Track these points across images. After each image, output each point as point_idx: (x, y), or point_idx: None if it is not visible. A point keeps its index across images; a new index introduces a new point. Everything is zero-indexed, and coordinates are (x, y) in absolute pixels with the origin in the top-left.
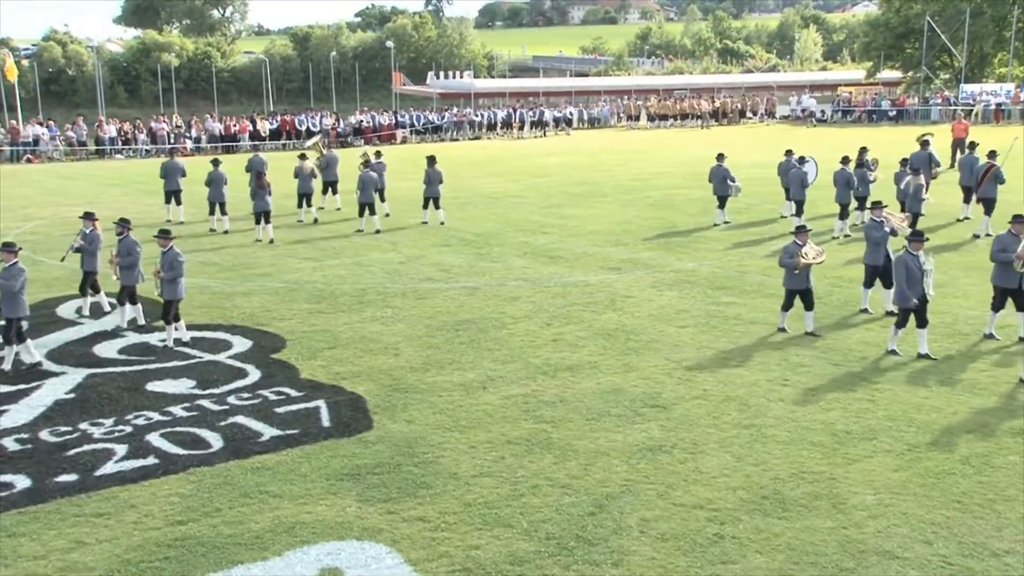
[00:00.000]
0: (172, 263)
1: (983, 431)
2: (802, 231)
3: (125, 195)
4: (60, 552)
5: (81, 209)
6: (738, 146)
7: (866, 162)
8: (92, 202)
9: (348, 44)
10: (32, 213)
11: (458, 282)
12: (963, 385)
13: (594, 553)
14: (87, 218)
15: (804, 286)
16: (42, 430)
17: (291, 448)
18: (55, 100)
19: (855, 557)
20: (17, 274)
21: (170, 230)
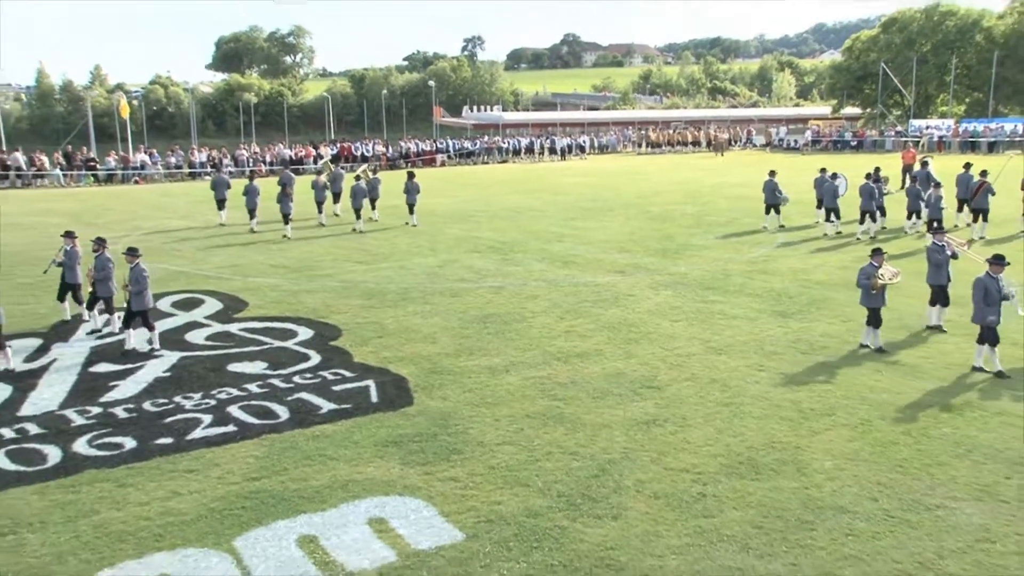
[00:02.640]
0: (138, 278)
1: (922, 408)
2: (878, 253)
3: (211, 209)
4: (160, 500)
5: (177, 221)
6: (724, 169)
7: (880, 179)
8: (186, 215)
9: (397, 83)
10: (138, 224)
11: (486, 282)
12: (907, 370)
13: (597, 508)
14: (68, 236)
15: (881, 304)
16: (145, 401)
17: (345, 419)
18: (157, 132)
19: (814, 512)
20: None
21: (137, 248)
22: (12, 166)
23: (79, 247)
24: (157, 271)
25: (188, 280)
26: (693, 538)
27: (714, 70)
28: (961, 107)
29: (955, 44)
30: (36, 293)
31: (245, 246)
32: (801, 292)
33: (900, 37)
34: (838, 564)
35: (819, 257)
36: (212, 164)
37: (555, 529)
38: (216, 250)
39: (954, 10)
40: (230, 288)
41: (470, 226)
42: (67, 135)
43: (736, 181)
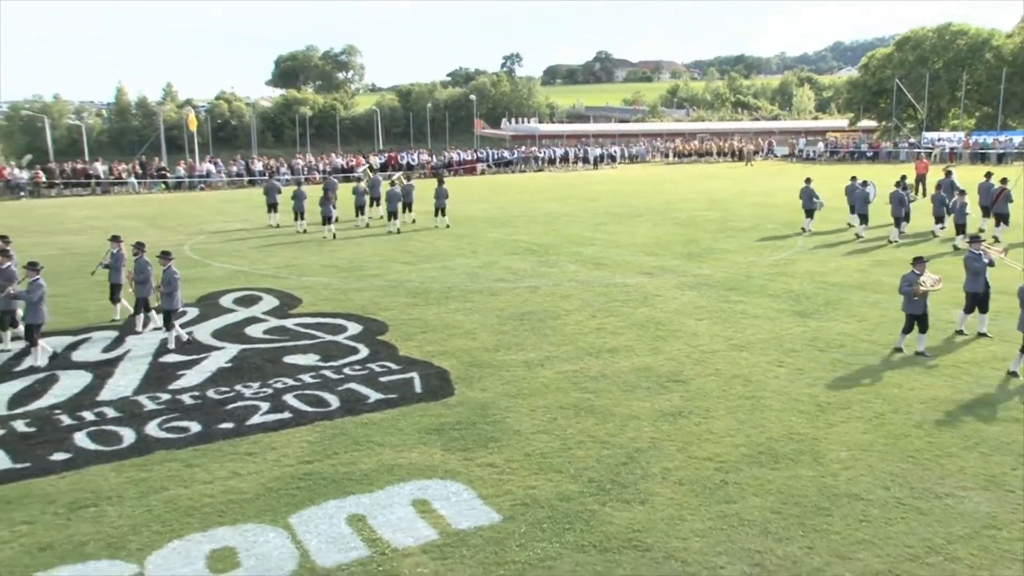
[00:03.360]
0: (169, 279)
1: (933, 403)
2: (920, 262)
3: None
4: (222, 479)
5: (238, 225)
6: (746, 178)
7: (906, 186)
8: (246, 219)
9: (440, 97)
10: (203, 228)
11: (523, 282)
12: (920, 368)
13: (625, 493)
14: (114, 240)
15: (921, 311)
16: (208, 389)
17: (391, 408)
18: (221, 143)
19: (830, 499)
20: (36, 288)
21: (170, 252)
22: (93, 175)
23: (124, 251)
24: (219, 270)
25: (248, 279)
26: (715, 522)
27: (738, 85)
28: (971, 120)
29: (966, 61)
30: None
31: (300, 247)
32: (818, 293)
33: (914, 55)
34: (852, 548)
35: (836, 261)
36: (269, 172)
37: (586, 512)
38: (273, 251)
39: (965, 29)
40: (286, 286)
41: (508, 230)
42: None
43: (757, 190)
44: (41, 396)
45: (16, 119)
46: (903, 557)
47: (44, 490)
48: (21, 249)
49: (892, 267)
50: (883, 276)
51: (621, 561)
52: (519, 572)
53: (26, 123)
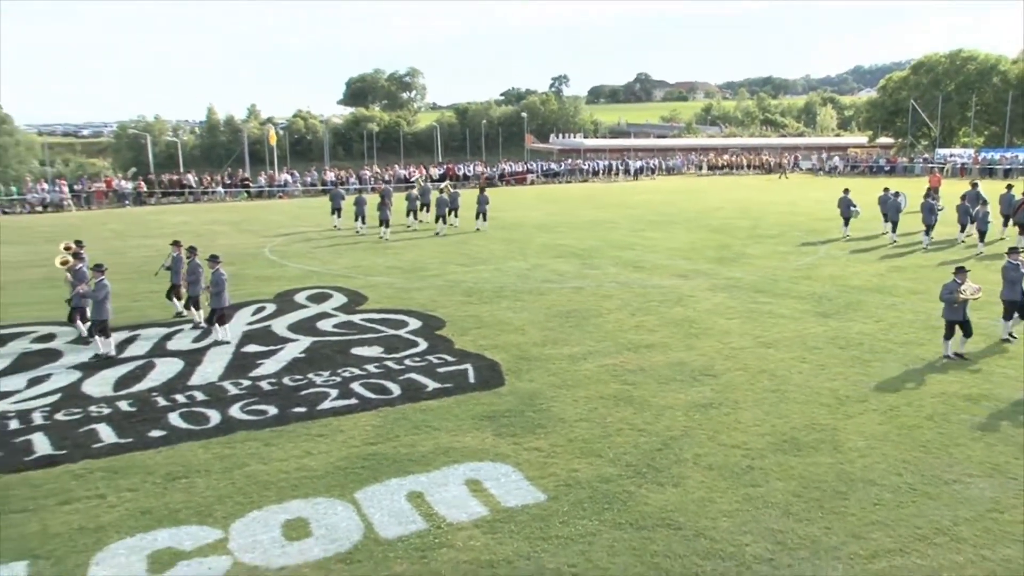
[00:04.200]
0: (217, 280)
1: (944, 397)
2: (961, 271)
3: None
4: (296, 458)
5: (312, 229)
6: (774, 189)
7: (936, 197)
8: (318, 224)
9: (494, 115)
10: (281, 231)
11: (568, 283)
12: (931, 364)
13: (660, 477)
14: (175, 245)
15: (962, 318)
16: (284, 377)
17: (447, 397)
18: (298, 156)
19: (847, 484)
20: (101, 288)
21: (218, 255)
22: (187, 185)
23: (183, 254)
24: (295, 270)
25: (319, 278)
26: (742, 504)
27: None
28: (980, 139)
29: (975, 84)
30: None
31: (366, 250)
32: (840, 296)
33: (927, 78)
34: (866, 528)
35: (856, 266)
36: (340, 182)
37: (623, 493)
38: (342, 253)
39: (975, 55)
40: (353, 285)
41: (555, 235)
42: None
43: (784, 200)
44: (141, 380)
45: (123, 137)
46: (913, 537)
47: (144, 463)
48: (125, 251)
49: (908, 272)
50: (899, 280)
51: (655, 538)
52: (562, 546)
53: (131, 140)
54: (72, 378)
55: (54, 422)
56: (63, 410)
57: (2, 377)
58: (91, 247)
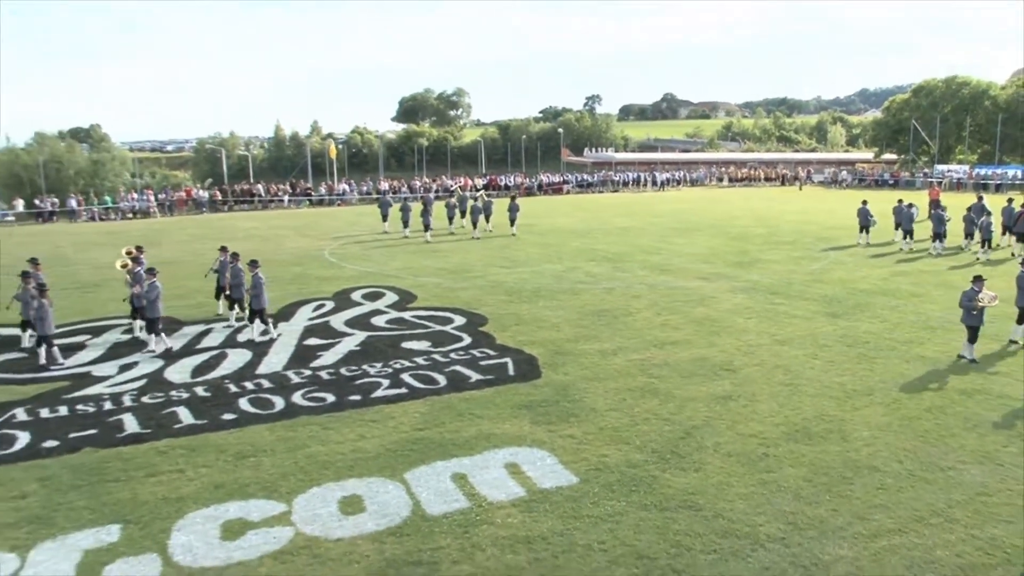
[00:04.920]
0: (256, 283)
1: (942, 391)
2: (979, 280)
3: (391, 226)
4: (351, 441)
5: (366, 234)
6: (788, 200)
7: (940, 207)
8: (373, 229)
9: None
10: (339, 236)
11: (600, 284)
12: (930, 361)
13: (683, 463)
14: (222, 251)
15: (979, 323)
16: (341, 368)
17: (489, 387)
18: (355, 168)
19: (853, 470)
20: (152, 289)
21: (257, 260)
22: (256, 194)
23: (228, 258)
24: (351, 270)
25: (374, 278)
26: (757, 488)
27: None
28: (974, 156)
29: (969, 107)
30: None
31: (415, 254)
32: (848, 298)
33: (927, 100)
34: (869, 510)
35: (864, 271)
36: (393, 191)
37: (649, 477)
38: (394, 256)
39: (968, 81)
40: (404, 285)
41: (588, 240)
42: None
43: (797, 209)
44: (215, 368)
45: (202, 151)
46: (911, 518)
47: (217, 442)
48: (200, 253)
49: (910, 277)
50: (903, 284)
51: (677, 518)
52: (592, 525)
53: (208, 154)
54: (156, 365)
55: (141, 404)
56: (148, 394)
57: (97, 364)
58: (172, 249)
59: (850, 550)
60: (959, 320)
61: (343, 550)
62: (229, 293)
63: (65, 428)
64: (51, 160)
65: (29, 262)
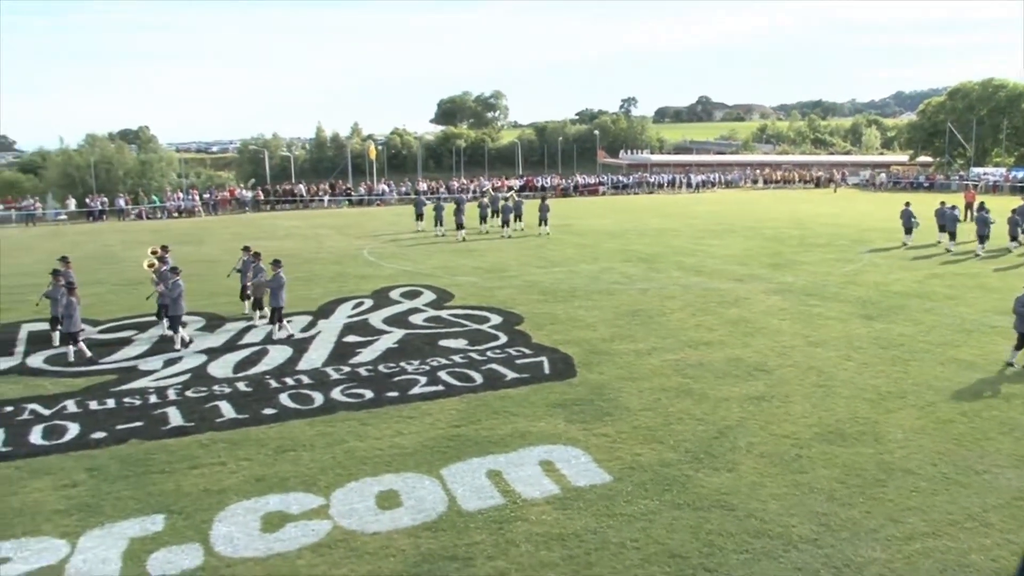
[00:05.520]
0: (278, 280)
1: (977, 394)
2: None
3: (426, 225)
4: (389, 436)
5: (405, 233)
6: (823, 202)
7: (987, 210)
8: (410, 228)
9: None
10: (378, 236)
11: (635, 285)
12: (965, 364)
13: (716, 463)
14: (245, 251)
15: None
16: (379, 364)
17: (524, 385)
18: (394, 169)
19: (886, 472)
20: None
21: (280, 260)
22: (297, 194)
23: (251, 258)
24: (389, 269)
25: (411, 277)
26: (790, 488)
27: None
28: (1011, 158)
29: (1006, 110)
30: (308, 284)
31: (452, 253)
32: (883, 300)
33: (963, 103)
34: (903, 513)
35: (898, 273)
36: (432, 192)
37: (682, 476)
38: (432, 255)
39: (1005, 83)
40: (441, 284)
41: (624, 241)
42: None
43: (831, 211)
44: (256, 364)
45: (245, 152)
46: (945, 522)
47: (258, 436)
48: None
49: (945, 279)
50: (937, 287)
51: (710, 518)
52: (625, 523)
53: (252, 155)
54: (199, 361)
55: (185, 398)
56: (192, 388)
57: (144, 358)
58: (215, 247)
59: (883, 552)
60: (1011, 326)
61: (379, 544)
62: (251, 293)
63: (113, 420)
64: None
65: (60, 260)
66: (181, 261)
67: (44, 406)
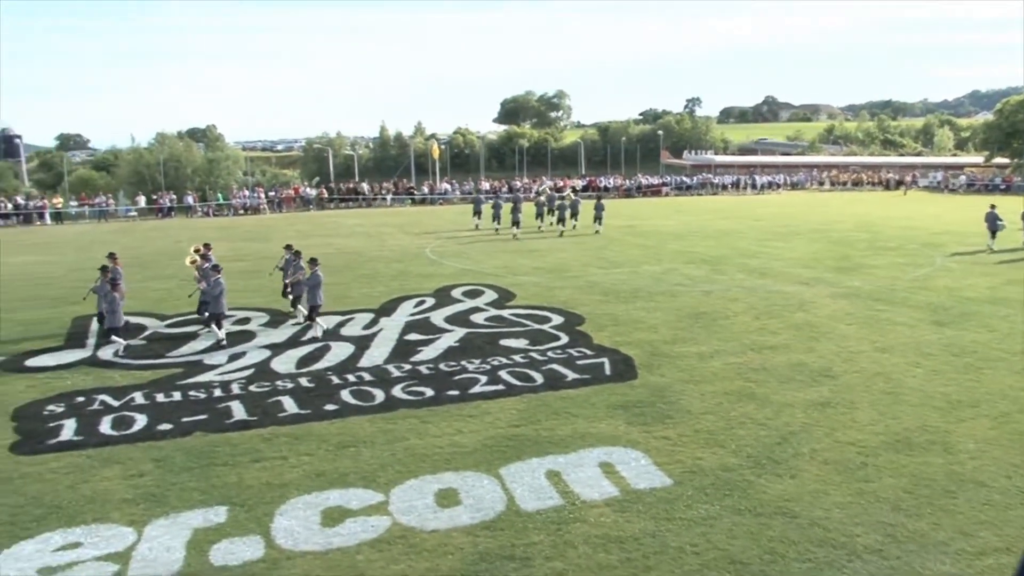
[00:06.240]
0: (315, 279)
1: None
2: None
3: (488, 225)
4: (448, 435)
5: (467, 232)
6: (892, 204)
7: None
8: (473, 227)
9: (633, 133)
10: (439, 234)
11: (698, 287)
12: None
13: (778, 469)
14: (287, 249)
15: None
16: (440, 363)
17: (585, 386)
18: (456, 168)
19: (957, 484)
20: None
21: (317, 258)
22: (360, 192)
23: (292, 256)
24: (451, 268)
25: (473, 276)
26: (855, 497)
27: (886, 125)
28: None
29: None
30: (371, 283)
31: (514, 252)
32: (955, 306)
33: None
34: (974, 527)
35: (972, 279)
36: (494, 192)
37: (743, 482)
38: (493, 255)
39: None
40: (503, 283)
41: (687, 243)
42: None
43: (901, 214)
44: (319, 360)
45: (310, 151)
46: (1020, 537)
47: (319, 432)
48: (307, 249)
49: (1021, 286)
50: (1012, 293)
51: (772, 525)
52: (685, 527)
53: (316, 154)
54: (263, 356)
55: (248, 393)
56: (255, 383)
57: (209, 353)
58: (279, 244)
59: (953, 566)
60: None
61: (438, 541)
62: (290, 291)
63: (178, 412)
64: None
65: (108, 257)
66: (248, 257)
67: (113, 397)
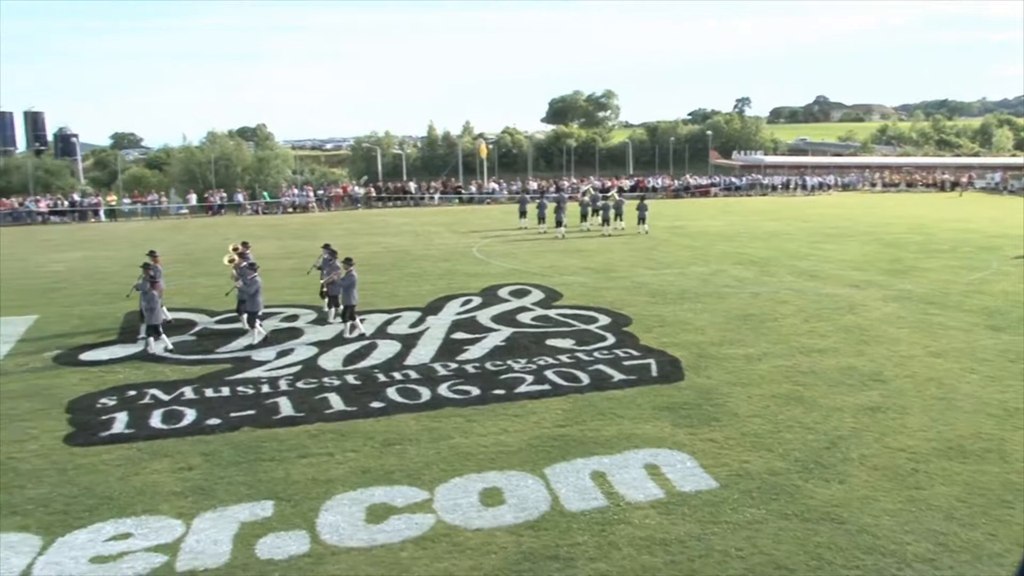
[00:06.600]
0: (349, 279)
1: None
2: None
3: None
4: (494, 434)
5: (514, 231)
6: (946, 206)
7: None
8: (520, 227)
9: (681, 132)
10: (486, 233)
11: (747, 289)
12: None
13: (826, 474)
14: (325, 248)
15: None
16: (486, 362)
17: (631, 387)
18: (504, 167)
19: (1013, 493)
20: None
21: (352, 258)
22: (408, 191)
23: (328, 255)
24: (498, 267)
25: (520, 275)
26: (905, 504)
27: (941, 125)
28: None
29: None
30: (418, 282)
31: (561, 252)
32: (1012, 310)
33: None
34: None
35: None
36: (542, 192)
37: (791, 486)
38: (540, 254)
39: None
40: (550, 283)
41: (736, 244)
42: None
43: (957, 216)
44: (365, 358)
45: (358, 150)
46: None
47: (365, 429)
48: (355, 247)
49: None
50: None
51: (819, 530)
52: (730, 531)
53: (364, 152)
54: (311, 353)
55: (295, 389)
56: (303, 379)
57: (257, 349)
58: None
59: None
60: None
61: (482, 540)
62: (326, 291)
63: (227, 407)
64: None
65: (148, 255)
66: (297, 255)
67: (164, 391)
